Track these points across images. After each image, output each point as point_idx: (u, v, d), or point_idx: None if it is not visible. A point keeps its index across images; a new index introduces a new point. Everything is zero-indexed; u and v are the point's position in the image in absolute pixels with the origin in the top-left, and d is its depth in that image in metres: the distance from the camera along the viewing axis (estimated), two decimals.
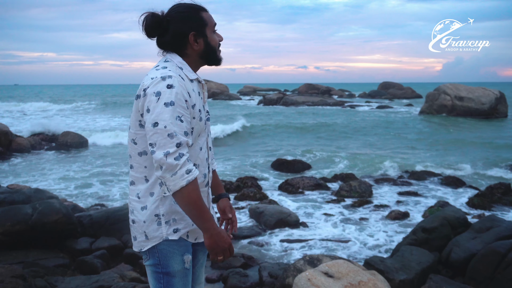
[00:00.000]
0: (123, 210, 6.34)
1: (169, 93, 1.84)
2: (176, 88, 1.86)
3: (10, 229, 5.28)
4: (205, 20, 2.03)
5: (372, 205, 8.59)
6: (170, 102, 1.83)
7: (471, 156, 13.64)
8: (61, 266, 5.13)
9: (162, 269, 2.00)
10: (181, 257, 2.01)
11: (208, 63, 2.08)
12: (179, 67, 1.99)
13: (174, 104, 1.83)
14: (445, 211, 6.17)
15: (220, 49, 2.08)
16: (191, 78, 2.00)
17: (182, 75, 1.95)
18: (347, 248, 6.35)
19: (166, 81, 1.86)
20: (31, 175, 11.23)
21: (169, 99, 1.83)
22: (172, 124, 1.81)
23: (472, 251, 4.92)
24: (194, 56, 2.04)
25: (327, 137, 18.92)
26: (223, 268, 5.37)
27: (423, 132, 20.62)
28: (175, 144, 1.81)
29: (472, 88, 26.17)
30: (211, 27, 2.04)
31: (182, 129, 1.84)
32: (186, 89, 1.92)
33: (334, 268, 3.33)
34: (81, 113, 33.68)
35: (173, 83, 1.86)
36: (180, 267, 2.01)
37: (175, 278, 2.00)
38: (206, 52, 2.04)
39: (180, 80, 1.91)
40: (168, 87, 1.85)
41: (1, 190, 6.30)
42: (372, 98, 51.95)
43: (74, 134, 17.23)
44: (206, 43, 2.02)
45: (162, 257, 1.99)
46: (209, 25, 2.04)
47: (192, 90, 1.96)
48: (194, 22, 2.01)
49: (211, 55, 2.04)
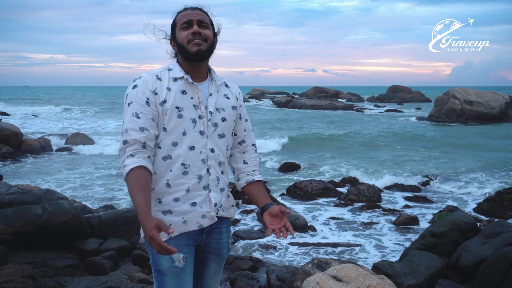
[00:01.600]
0: (132, 211, 6.37)
1: (131, 93, 1.99)
2: (138, 87, 1.99)
3: (20, 229, 5.32)
4: (175, 22, 2.11)
5: (381, 209, 8.56)
6: (130, 102, 1.97)
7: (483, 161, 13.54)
8: (70, 266, 5.16)
9: (155, 266, 2.04)
10: (169, 255, 1.96)
11: (186, 59, 2.08)
12: (169, 69, 2.09)
13: (133, 102, 1.97)
14: (454, 216, 6.13)
15: (196, 41, 2.02)
16: (176, 77, 2.05)
17: (161, 75, 2.04)
18: (356, 252, 6.33)
19: (134, 82, 2.02)
20: (40, 176, 11.30)
21: (130, 99, 1.98)
22: (128, 122, 1.94)
23: (481, 256, 4.88)
24: (179, 57, 2.12)
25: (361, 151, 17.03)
26: (231, 270, 5.37)
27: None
28: (122, 141, 1.94)
29: (481, 92, 26.02)
30: (179, 26, 2.08)
31: (137, 124, 1.94)
32: (153, 87, 1.99)
33: (343, 272, 3.32)
34: (90, 116, 33.86)
35: (137, 83, 2.00)
36: (169, 265, 2.00)
37: (167, 276, 2.00)
38: (179, 51, 2.09)
39: (150, 79, 2.01)
40: (133, 88, 2.00)
41: (12, 190, 6.35)
42: (380, 102, 51.80)
43: (83, 135, 17.36)
44: (176, 42, 2.09)
45: (154, 254, 2.01)
46: (177, 24, 2.09)
47: (166, 89, 2.01)
48: (171, 28, 2.14)
49: (182, 52, 2.07)
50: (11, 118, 27.65)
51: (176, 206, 2.00)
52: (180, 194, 2.00)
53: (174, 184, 2.00)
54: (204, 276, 2.19)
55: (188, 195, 2.01)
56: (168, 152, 2.00)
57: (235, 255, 5.75)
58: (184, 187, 2.00)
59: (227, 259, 5.56)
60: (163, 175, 2.00)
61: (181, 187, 2.00)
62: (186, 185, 2.01)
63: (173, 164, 2.00)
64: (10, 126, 15.83)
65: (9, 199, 5.86)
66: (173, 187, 2.00)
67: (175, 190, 2.00)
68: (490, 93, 26.01)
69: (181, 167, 2.00)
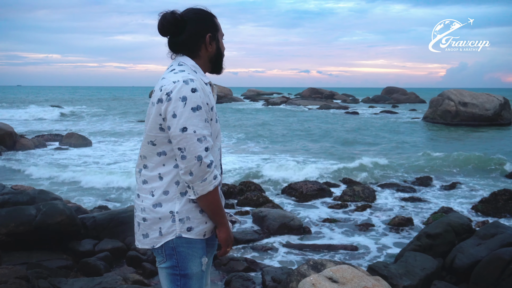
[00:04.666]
0: (126, 212, 6.34)
1: (195, 97, 1.87)
2: (200, 92, 1.90)
3: (14, 230, 5.29)
4: (218, 26, 2.09)
5: (376, 210, 8.57)
6: (197, 107, 1.87)
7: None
8: (64, 267, 5.12)
9: (180, 271, 2.02)
10: (199, 260, 2.05)
11: (213, 68, 2.10)
12: (193, 70, 2.01)
13: (201, 108, 1.87)
14: (449, 217, 6.15)
15: None
16: (205, 82, 2.03)
17: (197, 78, 1.99)
18: (351, 253, 6.33)
19: (189, 85, 1.88)
20: (34, 176, 11.24)
21: (196, 103, 1.87)
22: (202, 128, 1.87)
23: (476, 257, 4.90)
24: (205, 59, 2.07)
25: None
26: (226, 272, 5.36)
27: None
28: (204, 148, 1.86)
29: (476, 94, 26.09)
30: (221, 34, 2.09)
31: (209, 131, 1.92)
32: (206, 91, 1.96)
33: (338, 273, 3.31)
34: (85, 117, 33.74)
35: (196, 87, 1.89)
36: (198, 269, 2.05)
37: (192, 280, 2.03)
38: (215, 57, 2.07)
39: (202, 83, 1.96)
40: (192, 91, 1.87)
41: (5, 190, 6.30)
42: (375, 103, 51.91)
43: (77, 135, 17.29)
44: (217, 47, 2.07)
45: (180, 259, 2.01)
46: (220, 31, 2.09)
47: (209, 92, 2.00)
48: (210, 24, 2.05)
49: (218, 60, 2.08)
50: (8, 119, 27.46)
51: None
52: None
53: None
54: None
55: None
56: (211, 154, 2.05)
57: (230, 257, 5.74)
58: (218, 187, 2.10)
59: (222, 260, 5.56)
60: None
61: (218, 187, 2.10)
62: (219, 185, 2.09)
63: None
64: (4, 126, 15.77)
65: (2, 199, 5.82)
66: None
67: None
68: (484, 95, 26.10)
69: (214, 168, 2.06)
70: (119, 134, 20.90)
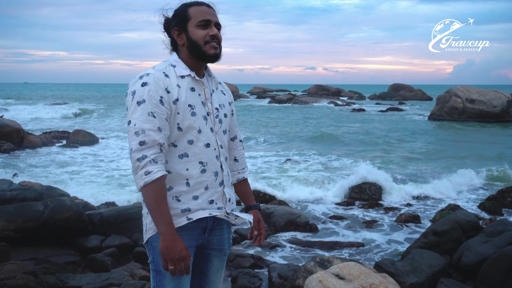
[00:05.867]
0: (133, 208, 6.36)
1: (142, 91, 1.89)
2: (149, 85, 1.90)
3: (21, 225, 5.32)
4: (189, 15, 2.03)
5: (382, 207, 8.55)
6: (142, 100, 1.88)
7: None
8: (72, 263, 5.16)
9: (155, 266, 2.01)
10: None
11: (198, 58, 2.05)
12: (172, 65, 2.02)
13: (145, 101, 1.88)
14: (456, 214, 6.12)
15: (213, 44, 2.02)
16: (183, 75, 2.00)
17: (167, 72, 1.97)
18: (357, 250, 6.33)
19: (142, 79, 1.92)
20: (41, 173, 11.30)
21: (142, 97, 1.89)
22: (142, 121, 1.86)
23: (483, 255, 4.87)
24: (185, 52, 2.06)
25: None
26: (232, 268, 5.37)
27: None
28: (138, 142, 1.85)
29: (483, 91, 25.93)
30: (194, 22, 2.02)
31: (155, 124, 1.87)
32: (165, 85, 1.93)
33: (345, 270, 3.31)
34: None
35: (147, 81, 1.91)
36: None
37: (166, 278, 1.98)
38: (190, 47, 2.03)
39: (159, 76, 1.93)
40: (142, 85, 1.91)
41: (13, 187, 6.34)
42: (382, 100, 51.74)
43: (85, 132, 17.35)
44: (187, 37, 2.03)
45: (155, 254, 1.99)
46: (192, 19, 2.02)
47: (176, 86, 1.96)
48: (178, 17, 2.05)
49: (195, 50, 2.02)
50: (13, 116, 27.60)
51: (195, 205, 2.00)
52: (200, 192, 2.01)
53: (194, 183, 2.00)
54: (208, 273, 2.19)
55: (206, 193, 2.02)
56: (185, 151, 1.99)
57: (237, 253, 5.75)
58: (203, 185, 2.02)
59: (229, 256, 5.54)
60: (181, 174, 1.98)
61: (201, 185, 2.01)
62: (205, 183, 2.02)
63: (191, 163, 1.99)
64: (12, 123, 15.84)
65: (10, 195, 5.86)
66: (193, 185, 2.00)
67: (195, 188, 2.00)
68: (492, 92, 25.92)
69: (199, 165, 2.00)
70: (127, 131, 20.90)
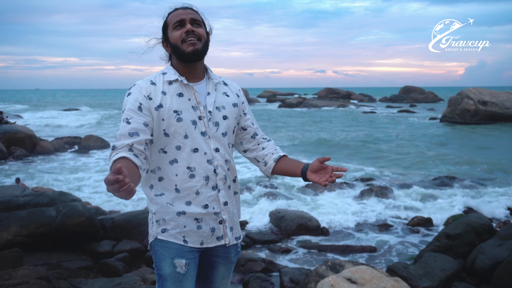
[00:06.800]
0: (145, 213, 6.38)
1: (126, 101, 1.99)
2: (132, 95, 1.98)
3: (34, 231, 5.37)
4: (167, 23, 2.07)
5: (395, 210, 8.48)
6: (124, 109, 1.97)
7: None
8: (84, 268, 5.18)
9: (157, 271, 2.04)
10: (171, 260, 2.00)
11: (181, 60, 2.05)
12: (163, 73, 2.07)
13: (125, 110, 1.96)
14: (469, 218, 6.06)
15: (190, 41, 2.00)
16: (170, 80, 2.03)
17: (155, 80, 2.02)
18: (369, 254, 6.28)
19: (129, 90, 2.03)
20: (53, 178, 11.39)
21: (124, 106, 1.98)
22: (120, 128, 1.93)
23: (497, 258, 4.81)
24: (174, 59, 2.09)
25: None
26: (244, 273, 5.36)
27: None
28: (111, 146, 1.93)
29: (495, 92, 25.71)
30: (171, 26, 2.04)
31: (127, 130, 1.91)
32: (147, 93, 1.98)
33: (357, 274, 3.29)
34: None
35: (131, 91, 2.00)
36: (170, 271, 2.00)
37: (167, 282, 2.00)
38: (173, 51, 2.06)
39: (143, 85, 2.00)
40: (127, 96, 2.00)
41: (26, 192, 6.40)
42: (393, 103, 51.48)
43: (96, 137, 17.48)
44: (170, 43, 2.06)
45: (156, 258, 2.03)
46: (169, 25, 2.06)
47: (161, 93, 1.99)
48: (162, 30, 2.10)
49: (176, 52, 2.04)
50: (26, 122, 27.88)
51: (189, 209, 2.01)
52: (191, 197, 2.01)
53: (183, 188, 2.00)
54: (213, 279, 2.19)
55: (198, 197, 2.01)
56: (174, 156, 2.00)
57: (248, 257, 5.74)
58: (193, 190, 2.01)
59: (240, 260, 5.55)
60: (171, 179, 2.00)
61: (190, 190, 2.00)
62: (195, 188, 2.01)
63: (179, 168, 2.00)
64: (24, 129, 16.03)
65: (23, 201, 5.91)
66: (182, 191, 2.00)
67: (185, 194, 2.00)
68: (504, 93, 25.70)
69: (187, 170, 2.00)
70: None
